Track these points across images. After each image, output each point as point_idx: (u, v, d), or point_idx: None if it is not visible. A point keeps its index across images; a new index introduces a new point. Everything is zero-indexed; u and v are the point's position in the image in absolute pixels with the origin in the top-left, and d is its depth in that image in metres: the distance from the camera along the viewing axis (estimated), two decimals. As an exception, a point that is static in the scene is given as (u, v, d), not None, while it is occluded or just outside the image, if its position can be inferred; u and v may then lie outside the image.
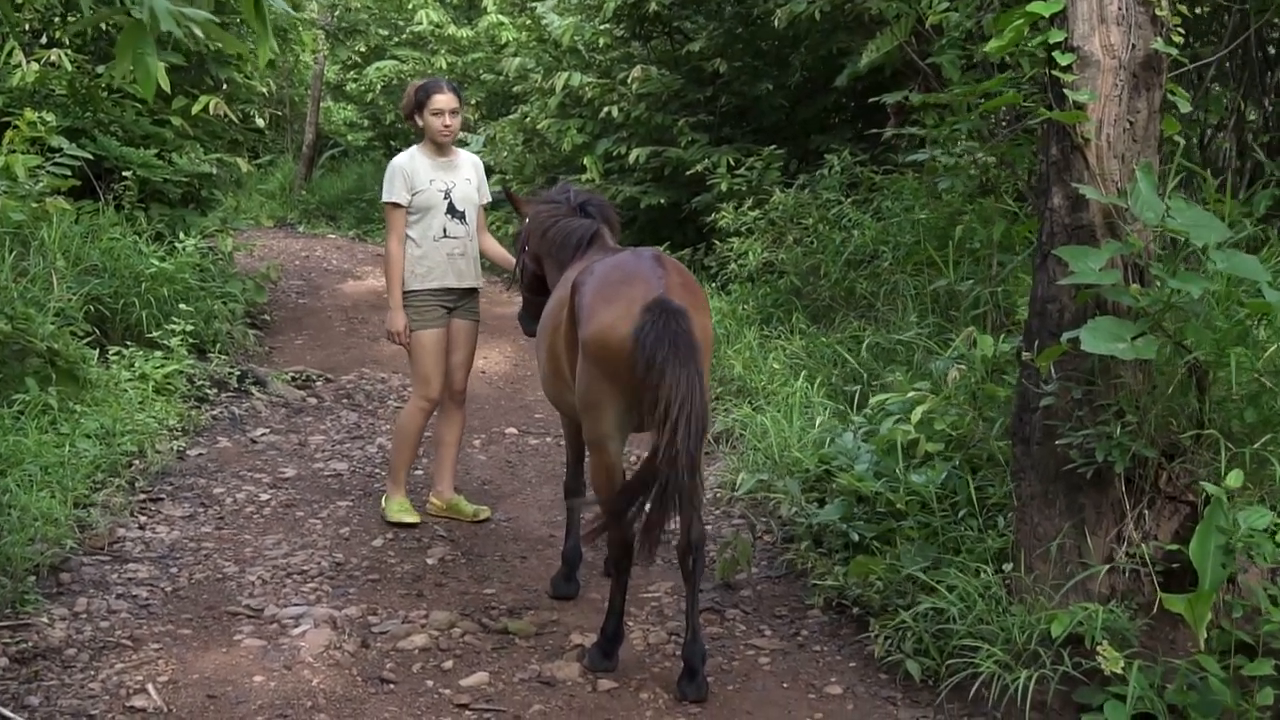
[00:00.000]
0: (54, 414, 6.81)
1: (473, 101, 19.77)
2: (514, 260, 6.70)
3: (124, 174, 9.62)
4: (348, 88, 23.06)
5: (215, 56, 10.92)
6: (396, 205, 6.29)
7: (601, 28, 13.77)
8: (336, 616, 5.14)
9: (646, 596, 5.55)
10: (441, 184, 6.31)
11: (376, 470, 7.33)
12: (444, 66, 19.39)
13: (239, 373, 8.94)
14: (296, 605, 5.28)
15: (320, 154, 23.30)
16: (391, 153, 23.44)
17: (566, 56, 14.69)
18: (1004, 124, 7.94)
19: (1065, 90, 4.40)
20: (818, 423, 6.77)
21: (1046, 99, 4.59)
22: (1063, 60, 4.43)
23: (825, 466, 6.20)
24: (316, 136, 22.43)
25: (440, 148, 6.37)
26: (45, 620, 4.95)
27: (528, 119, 15.11)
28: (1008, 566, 4.61)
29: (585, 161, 13.22)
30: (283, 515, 6.46)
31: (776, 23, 9.42)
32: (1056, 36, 4.50)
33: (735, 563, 5.67)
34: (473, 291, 6.54)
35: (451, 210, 6.34)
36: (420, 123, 6.32)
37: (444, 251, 6.34)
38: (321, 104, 22.48)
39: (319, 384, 9.44)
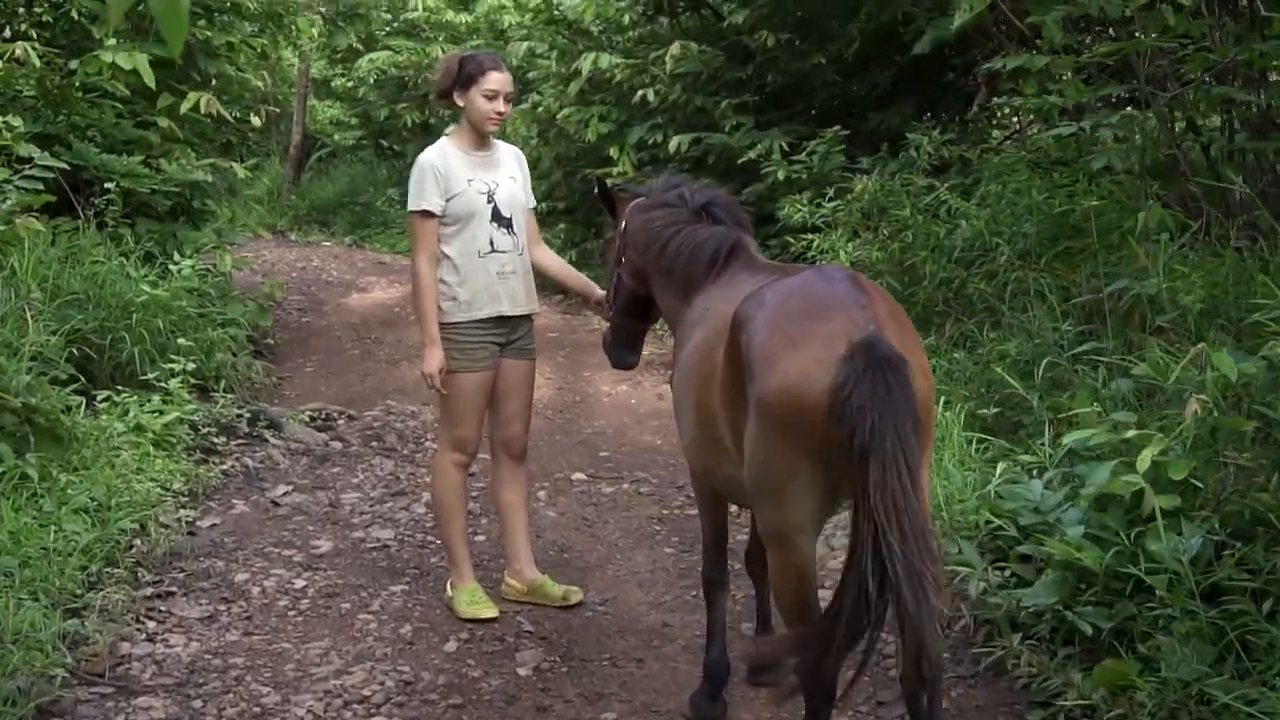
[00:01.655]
0: (34, 486, 5.52)
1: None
2: (581, 277, 5.47)
3: (106, 186, 8.27)
4: (334, 84, 21.68)
5: (204, 48, 9.59)
6: (428, 214, 4.95)
7: (622, 4, 12.48)
8: (419, 770, 3.87)
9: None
10: (482, 184, 4.99)
11: (429, 538, 6.03)
12: (440, 55, 18.05)
13: (249, 414, 7.63)
14: (363, 752, 4.00)
15: (308, 155, 21.95)
16: (384, 153, 22.29)
17: (581, 38, 13.41)
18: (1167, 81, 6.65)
19: None
20: (971, 462, 5.53)
21: None
22: None
23: (998, 522, 4.94)
24: (304, 137, 21.08)
25: (481, 139, 5.05)
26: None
27: (540, 108, 13.82)
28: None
29: (612, 152, 11.92)
30: (325, 610, 5.16)
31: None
32: None
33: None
34: (527, 319, 5.23)
35: (497, 216, 5.02)
36: (460, 103, 4.98)
37: (491, 270, 5.01)
38: (308, 102, 21.11)
39: (341, 423, 8.14)
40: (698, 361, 3.84)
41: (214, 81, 10.25)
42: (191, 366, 7.24)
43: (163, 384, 7.08)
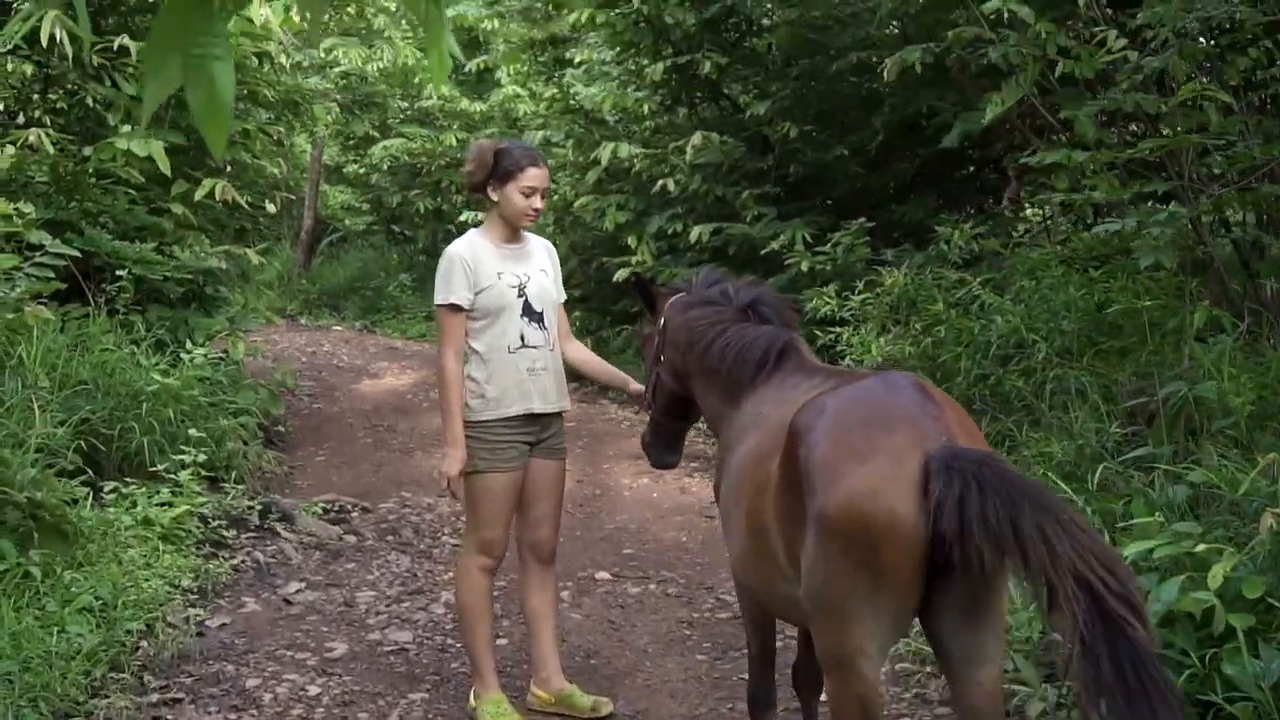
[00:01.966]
0: (37, 584, 5.27)
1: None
2: (616, 371, 5.27)
3: (118, 273, 8.08)
4: (347, 169, 21.67)
5: (219, 133, 9.45)
6: (456, 308, 4.74)
7: (640, 94, 12.41)
8: None
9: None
10: (513, 277, 4.78)
11: (449, 640, 5.77)
12: (454, 143, 18.04)
13: (261, 506, 7.40)
14: None
15: (319, 240, 21.89)
16: (395, 239, 22.24)
17: (598, 127, 13.35)
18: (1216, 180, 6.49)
19: None
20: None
21: None
22: None
23: (1054, 636, 4.68)
24: (315, 222, 21.04)
25: (513, 232, 4.85)
26: None
27: (556, 196, 13.72)
28: None
29: (630, 241, 11.79)
30: (342, 720, 4.90)
31: (885, 75, 7.99)
32: None
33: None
34: (557, 417, 4.98)
35: (528, 311, 4.80)
36: (495, 197, 4.76)
37: (521, 366, 4.78)
38: (320, 186, 21.07)
39: (355, 516, 7.89)
40: (750, 470, 3.60)
41: (228, 168, 10.13)
42: (202, 458, 7.00)
43: (172, 475, 6.85)
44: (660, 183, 11.02)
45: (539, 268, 4.89)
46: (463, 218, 15.99)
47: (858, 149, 10.92)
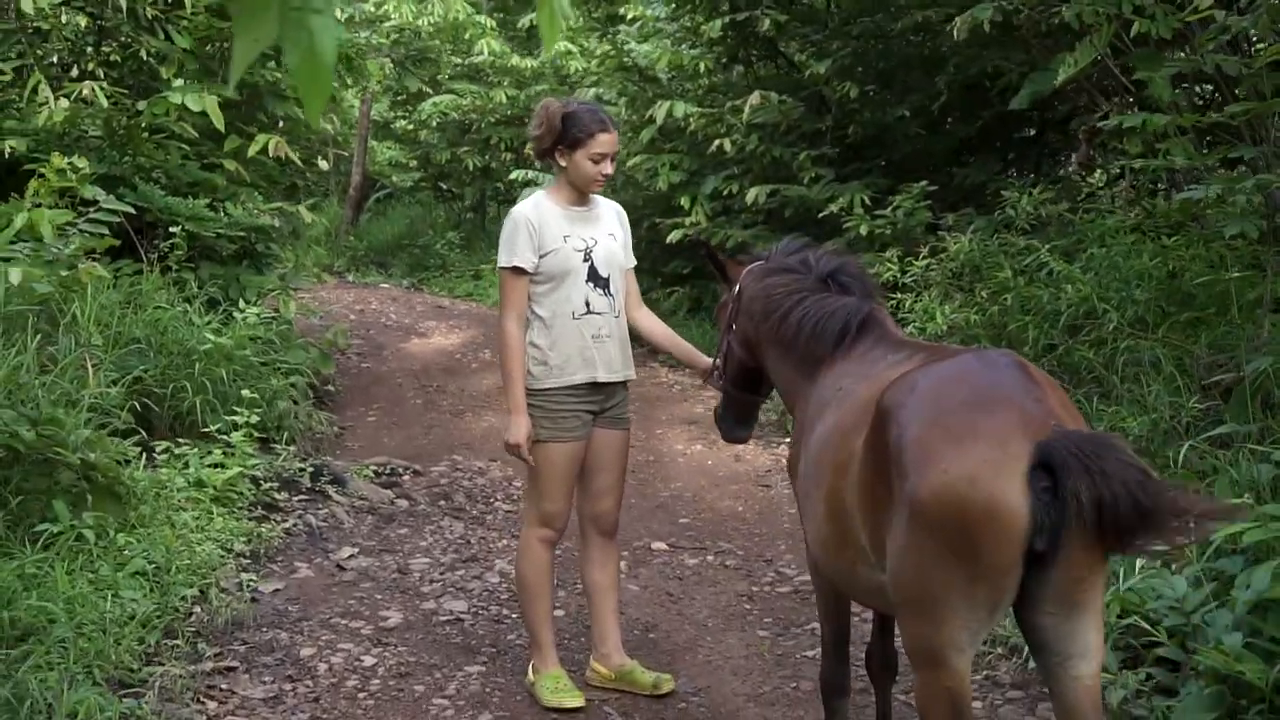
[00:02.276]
0: (90, 547, 5.19)
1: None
2: (686, 345, 5.09)
3: (171, 229, 7.98)
4: (394, 125, 21.52)
5: (271, 90, 9.34)
6: (519, 271, 4.60)
7: (695, 52, 12.19)
8: None
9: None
10: (579, 241, 4.62)
11: (504, 611, 5.66)
12: (504, 100, 17.85)
13: (313, 469, 7.31)
14: None
15: (367, 197, 21.79)
16: (443, 196, 22.09)
17: (651, 85, 13.13)
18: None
19: None
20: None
21: None
22: None
23: (1133, 620, 4.52)
24: (363, 178, 20.93)
25: (581, 195, 4.68)
26: None
27: (608, 154, 13.52)
28: None
29: (683, 201, 11.59)
30: (398, 693, 4.78)
31: (955, 33, 7.76)
32: None
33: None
34: (622, 386, 4.85)
35: (594, 276, 4.65)
36: (563, 162, 4.60)
37: (586, 334, 4.63)
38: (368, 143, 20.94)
39: (407, 479, 7.80)
40: (831, 448, 3.43)
41: (279, 124, 10.01)
42: (255, 419, 6.91)
43: (224, 436, 6.77)
44: (716, 143, 10.80)
45: (607, 231, 4.74)
46: (513, 176, 15.86)
47: (919, 110, 10.67)
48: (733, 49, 12.14)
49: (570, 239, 4.61)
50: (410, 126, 20.53)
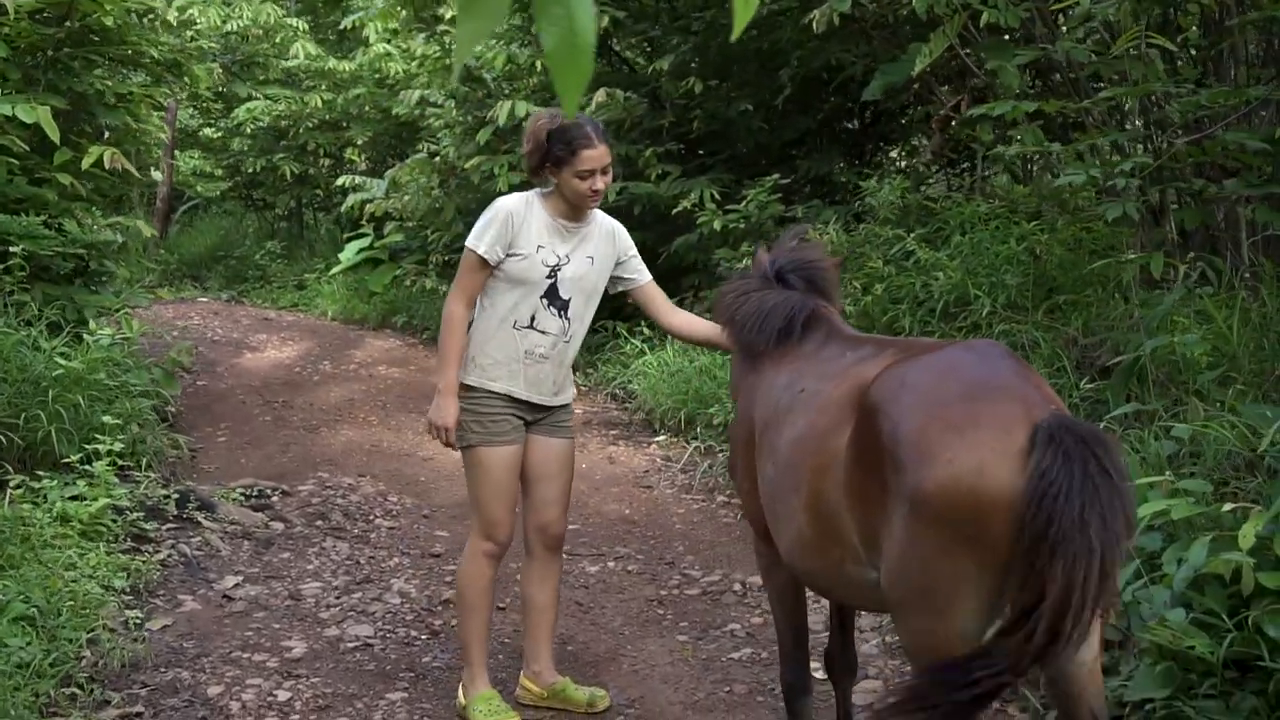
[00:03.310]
0: (-40, 595, 4.80)
1: (358, 142, 17.84)
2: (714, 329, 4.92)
3: (11, 249, 7.46)
4: (202, 133, 20.76)
5: (99, 98, 8.84)
6: (482, 260, 4.38)
7: (529, 51, 12.01)
8: None
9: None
10: (551, 255, 4.41)
11: (414, 633, 5.44)
12: (320, 105, 17.35)
13: (177, 495, 6.93)
14: None
15: (174, 208, 20.98)
16: (255, 205, 21.39)
17: (478, 85, 12.92)
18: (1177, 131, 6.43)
19: None
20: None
21: None
22: None
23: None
24: (170, 188, 20.13)
25: (575, 210, 4.46)
26: None
27: (438, 157, 13.29)
28: None
29: (525, 203, 11.39)
30: (322, 727, 4.55)
31: (815, 27, 7.78)
32: None
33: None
34: (562, 408, 4.70)
35: (552, 295, 4.44)
36: (554, 179, 4.38)
37: (520, 347, 4.43)
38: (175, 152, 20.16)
39: (276, 500, 7.46)
40: (810, 452, 3.32)
41: (105, 134, 9.50)
42: (119, 446, 6.51)
43: (85, 466, 6.37)
44: (561, 142, 10.64)
45: (586, 254, 4.50)
46: (339, 182, 15.47)
47: (760, 104, 10.73)
48: (567, 48, 11.99)
49: (542, 250, 4.40)
50: (219, 134, 19.85)
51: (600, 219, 4.59)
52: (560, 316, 4.47)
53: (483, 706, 4.55)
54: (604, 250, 4.55)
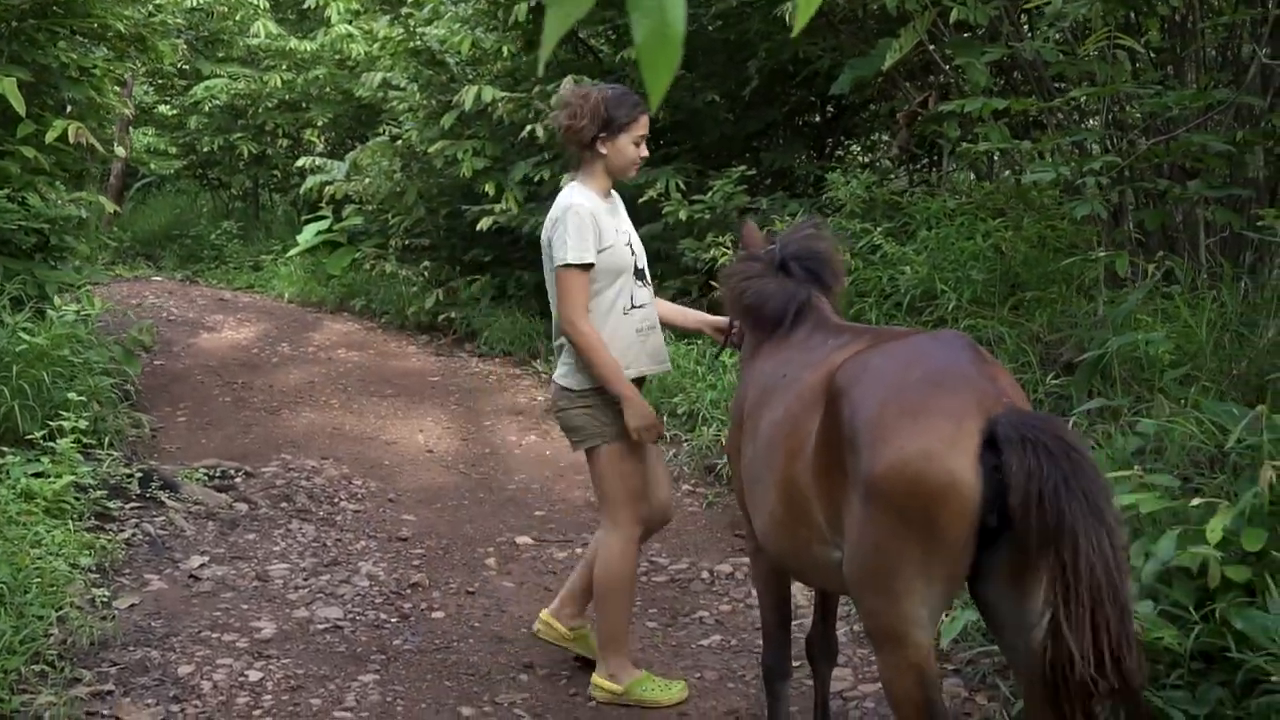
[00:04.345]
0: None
1: (318, 124, 17.72)
2: (701, 315, 5.03)
3: (-27, 223, 7.41)
4: (157, 110, 20.51)
5: (62, 71, 8.75)
6: (587, 267, 4.37)
7: (495, 36, 11.99)
8: None
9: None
10: (623, 235, 4.53)
11: (383, 616, 5.45)
12: (280, 84, 17.21)
13: (140, 474, 6.89)
14: None
15: (128, 186, 20.74)
16: (209, 184, 21.17)
17: (440, 69, 12.86)
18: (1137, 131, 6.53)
19: None
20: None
21: None
22: None
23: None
24: (124, 165, 19.89)
25: (611, 186, 4.57)
26: None
27: (400, 141, 13.23)
28: None
29: (487, 188, 11.38)
30: (294, 708, 4.54)
31: (787, 19, 7.82)
32: None
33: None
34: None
35: (637, 270, 4.56)
36: (603, 150, 4.43)
37: (634, 328, 4.53)
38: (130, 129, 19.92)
39: (240, 481, 7.42)
40: (784, 434, 3.40)
41: (68, 108, 9.40)
42: (84, 424, 6.47)
43: (49, 443, 6.32)
44: (528, 129, 10.65)
45: (629, 224, 4.66)
46: (300, 163, 15.36)
47: (726, 95, 10.77)
48: (534, 33, 11.98)
49: (619, 234, 4.50)
50: (175, 112, 19.63)
51: (614, 193, 4.68)
52: (645, 286, 4.60)
53: (650, 685, 4.62)
54: (628, 216, 4.70)
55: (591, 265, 4.37)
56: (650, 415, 4.45)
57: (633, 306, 4.52)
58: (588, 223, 4.35)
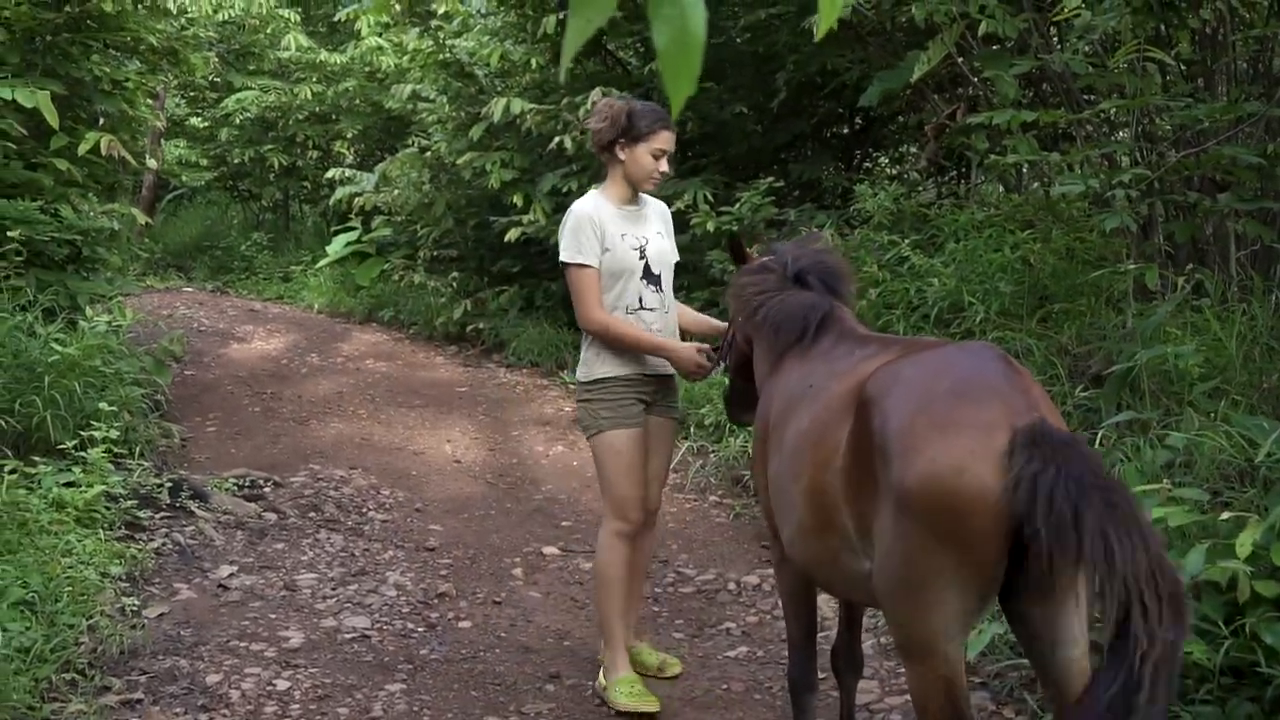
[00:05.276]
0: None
1: (348, 135, 17.82)
2: (712, 322, 5.14)
3: (9, 234, 7.45)
4: (189, 123, 20.68)
5: (95, 84, 8.83)
6: (587, 267, 4.65)
7: (524, 49, 12.03)
8: None
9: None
10: (634, 239, 4.73)
11: (411, 625, 5.47)
12: (310, 96, 17.33)
13: (170, 484, 6.94)
14: None
15: (160, 197, 20.89)
16: (240, 196, 21.32)
17: (469, 81, 12.91)
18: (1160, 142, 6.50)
19: None
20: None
21: None
22: None
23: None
24: (156, 177, 20.04)
25: (633, 193, 4.76)
26: None
27: (429, 152, 13.28)
28: None
29: (515, 199, 11.42)
30: (321, 718, 4.55)
31: (817, 35, 7.82)
32: None
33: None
34: (671, 378, 4.94)
35: (648, 273, 4.76)
36: (621, 156, 4.67)
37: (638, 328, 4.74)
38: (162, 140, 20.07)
39: (269, 491, 7.47)
40: (812, 444, 3.39)
41: (101, 121, 9.49)
42: (115, 434, 6.52)
43: (81, 453, 6.37)
44: (556, 140, 10.68)
45: (655, 230, 4.84)
46: (329, 175, 15.44)
47: (755, 107, 10.78)
48: (557, 48, 12.02)
49: (626, 237, 4.70)
50: (206, 124, 19.77)
51: (650, 200, 4.89)
52: (658, 291, 4.78)
53: (625, 689, 4.67)
54: (662, 226, 4.88)
55: (587, 265, 4.63)
56: (694, 357, 4.65)
57: (640, 308, 4.71)
58: (583, 225, 4.65)
